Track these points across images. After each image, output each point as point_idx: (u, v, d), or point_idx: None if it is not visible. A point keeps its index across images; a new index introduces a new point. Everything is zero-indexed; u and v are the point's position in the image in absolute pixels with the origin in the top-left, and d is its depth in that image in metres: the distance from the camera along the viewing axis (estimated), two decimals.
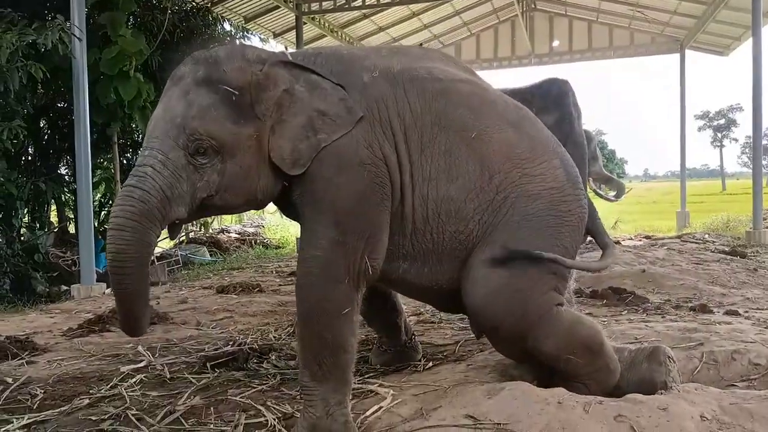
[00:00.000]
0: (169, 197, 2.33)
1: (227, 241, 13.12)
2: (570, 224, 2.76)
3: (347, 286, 2.48)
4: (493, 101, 2.88)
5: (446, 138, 2.67)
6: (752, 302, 5.13)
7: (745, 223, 13.25)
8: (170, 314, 5.21)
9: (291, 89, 2.54)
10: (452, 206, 2.65)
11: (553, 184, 2.75)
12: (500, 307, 2.63)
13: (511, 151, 2.74)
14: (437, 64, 2.89)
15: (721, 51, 16.62)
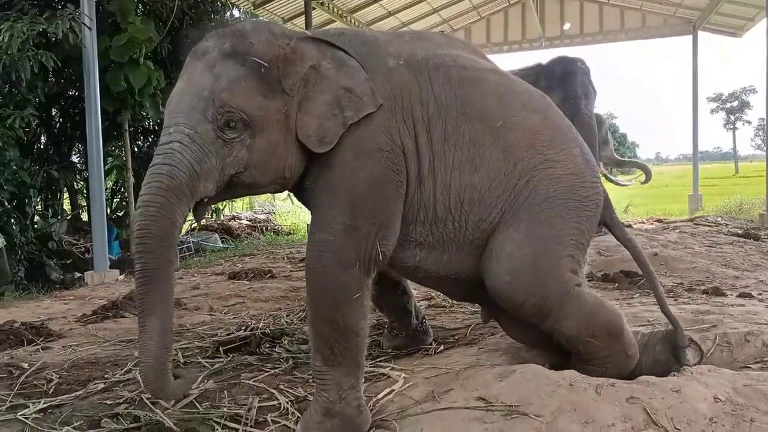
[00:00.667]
0: (198, 172, 2.26)
1: (238, 227, 13.14)
2: (588, 209, 2.76)
3: (358, 271, 2.47)
4: (519, 91, 2.90)
5: (471, 127, 2.67)
6: (766, 285, 5.09)
7: (758, 205, 13.14)
8: (183, 300, 5.25)
9: (318, 65, 2.51)
10: (476, 195, 2.66)
11: (574, 170, 2.76)
12: (525, 285, 2.63)
13: (534, 138, 2.75)
14: (460, 51, 2.89)
15: (735, 32, 16.39)
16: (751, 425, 2.05)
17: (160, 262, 2.20)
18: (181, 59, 2.63)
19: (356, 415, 2.45)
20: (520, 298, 2.65)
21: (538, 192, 2.69)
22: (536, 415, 2.24)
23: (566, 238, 2.70)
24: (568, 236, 2.71)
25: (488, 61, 3.08)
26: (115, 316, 4.72)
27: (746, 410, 2.13)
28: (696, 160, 18.01)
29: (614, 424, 2.14)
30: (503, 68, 3.17)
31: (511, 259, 2.63)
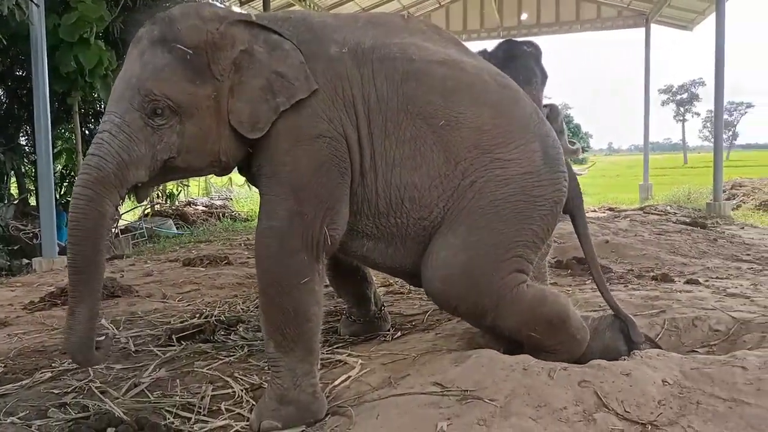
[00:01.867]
0: (126, 161, 2.31)
1: (194, 213, 12.93)
2: (542, 209, 2.68)
3: (305, 255, 2.45)
4: (470, 84, 2.72)
5: (413, 124, 2.59)
6: (712, 271, 5.26)
7: (705, 195, 13.54)
8: (135, 287, 5.13)
9: (250, 49, 2.48)
10: (416, 194, 2.62)
11: (528, 169, 2.66)
12: (457, 291, 2.63)
13: (480, 137, 2.64)
14: (415, 39, 2.77)
15: (686, 25, 16.79)
16: (697, 407, 2.10)
17: (90, 253, 2.31)
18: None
19: (311, 402, 2.44)
20: (453, 302, 2.70)
21: (483, 195, 2.62)
22: (490, 399, 2.26)
23: (511, 242, 2.64)
24: (515, 239, 2.64)
25: (455, 44, 2.95)
26: (64, 304, 4.56)
27: (693, 393, 2.19)
28: (647, 150, 18.46)
29: (566, 408, 2.17)
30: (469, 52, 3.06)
31: (445, 265, 2.61)
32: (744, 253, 6.39)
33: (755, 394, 2.12)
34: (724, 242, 7.19)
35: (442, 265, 2.62)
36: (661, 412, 2.10)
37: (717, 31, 11.13)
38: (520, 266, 2.68)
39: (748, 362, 2.33)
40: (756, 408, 2.06)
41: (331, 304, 4.27)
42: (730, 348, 2.87)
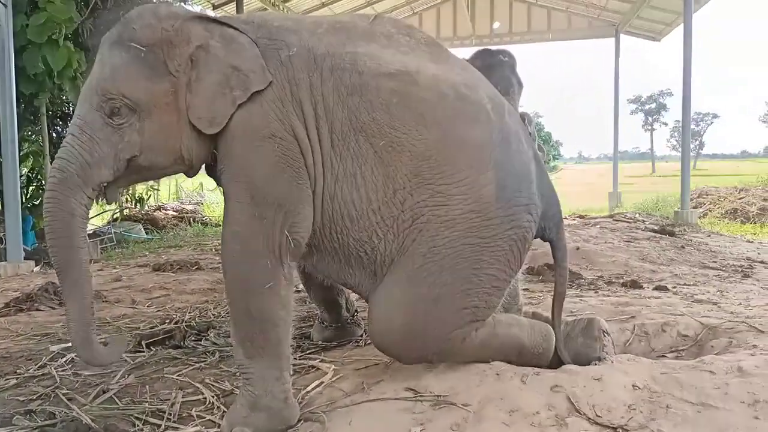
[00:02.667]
0: (88, 161, 2.34)
1: (164, 218, 12.74)
2: (497, 250, 2.48)
3: (268, 259, 2.40)
4: (419, 99, 2.50)
5: (356, 141, 2.47)
6: (680, 278, 5.35)
7: (673, 203, 13.79)
8: (103, 292, 5.04)
9: (206, 45, 2.46)
10: (354, 213, 2.50)
11: (474, 206, 2.44)
12: (398, 349, 2.56)
13: (421, 165, 2.45)
14: (373, 46, 2.60)
15: (654, 36, 17.15)
16: (667, 411, 2.13)
17: (66, 253, 2.32)
18: None
19: (283, 408, 2.41)
20: (395, 354, 2.63)
21: (424, 238, 2.45)
22: (464, 405, 2.27)
23: (459, 295, 2.46)
24: (465, 290, 2.46)
25: (427, 47, 2.73)
26: (30, 309, 4.49)
27: (663, 397, 2.22)
28: (616, 159, 18.78)
29: (539, 412, 2.19)
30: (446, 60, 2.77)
31: (386, 320, 2.51)
32: (711, 261, 6.51)
33: (723, 398, 2.16)
34: (691, 250, 7.32)
35: (384, 319, 2.51)
36: (631, 417, 2.12)
37: (685, 43, 11.35)
38: (474, 317, 2.53)
39: (715, 367, 2.38)
40: (724, 411, 2.10)
41: (303, 309, 4.24)
42: (699, 353, 2.92)
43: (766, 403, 2.09)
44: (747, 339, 2.91)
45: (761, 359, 2.43)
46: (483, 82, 2.75)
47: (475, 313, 2.51)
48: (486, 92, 2.67)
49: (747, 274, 5.55)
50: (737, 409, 2.09)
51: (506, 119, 2.63)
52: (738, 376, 2.28)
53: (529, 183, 2.57)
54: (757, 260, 6.61)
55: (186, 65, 2.44)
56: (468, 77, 2.70)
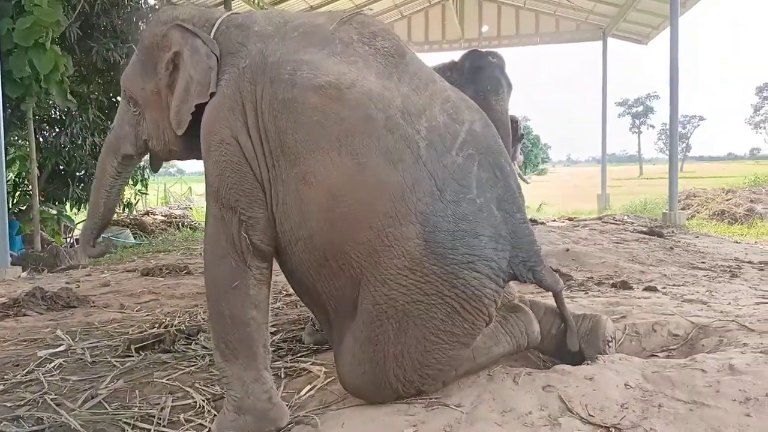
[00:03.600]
0: (118, 134, 2.99)
1: (152, 223, 12.69)
2: (447, 307, 2.20)
3: (232, 259, 2.41)
4: (341, 119, 2.25)
5: (284, 165, 2.33)
6: (669, 279, 5.36)
7: (661, 205, 13.88)
8: (91, 297, 5.01)
9: (181, 52, 2.63)
10: (287, 244, 2.40)
11: (405, 263, 2.16)
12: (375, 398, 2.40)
13: (334, 206, 2.21)
14: (320, 54, 2.42)
15: (641, 39, 17.24)
16: (659, 410, 2.13)
17: (95, 193, 3.13)
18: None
19: (269, 409, 2.38)
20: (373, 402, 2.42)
21: (364, 293, 2.26)
22: (456, 405, 2.26)
23: (417, 353, 2.25)
24: (421, 348, 2.25)
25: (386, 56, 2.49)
26: (17, 315, 4.45)
27: (655, 396, 2.22)
28: (604, 162, 18.83)
29: (531, 412, 2.18)
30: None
31: (351, 373, 2.39)
32: (699, 261, 6.54)
33: (714, 396, 2.16)
34: (680, 250, 7.35)
35: (348, 372, 2.40)
36: (624, 416, 2.12)
37: (671, 46, 11.42)
38: (441, 371, 2.35)
39: (706, 365, 2.38)
40: (715, 409, 2.10)
41: (294, 312, 4.22)
42: (690, 352, 2.93)
43: (757, 400, 2.09)
44: (737, 337, 2.92)
45: (752, 357, 2.43)
46: (435, 108, 2.35)
47: (441, 368, 2.33)
48: (431, 122, 2.30)
49: (735, 274, 5.57)
50: (729, 407, 2.09)
51: (448, 159, 2.24)
52: (729, 374, 2.28)
53: (472, 237, 2.19)
54: (744, 260, 6.64)
55: (169, 68, 2.68)
56: (414, 101, 2.34)
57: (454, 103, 2.43)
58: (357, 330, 2.33)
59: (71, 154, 9.37)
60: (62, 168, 9.64)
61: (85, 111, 9.11)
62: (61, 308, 4.66)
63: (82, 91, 9.15)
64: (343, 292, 2.34)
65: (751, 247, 8.13)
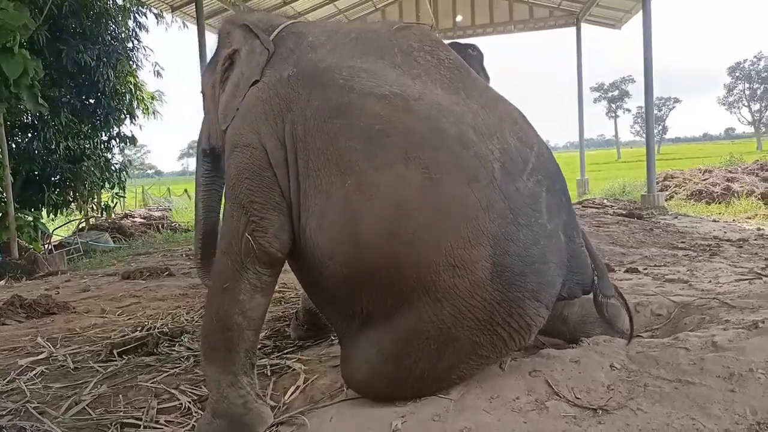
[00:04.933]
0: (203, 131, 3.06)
1: (132, 226, 12.56)
2: (494, 335, 2.14)
3: (229, 259, 2.36)
4: (408, 130, 2.14)
5: (328, 175, 2.21)
6: (650, 260, 5.41)
7: (639, 187, 14.02)
8: (72, 303, 4.93)
9: (239, 50, 2.71)
10: (319, 253, 2.27)
11: (466, 284, 2.05)
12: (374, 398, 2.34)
13: (398, 222, 2.07)
14: (378, 63, 2.37)
15: (614, 24, 17.32)
16: (645, 389, 2.14)
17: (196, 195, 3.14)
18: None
19: (243, 414, 2.30)
20: None
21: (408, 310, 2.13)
22: (444, 395, 2.26)
23: (444, 371, 2.21)
24: (450, 366, 2.20)
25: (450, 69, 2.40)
26: None
27: (640, 376, 2.23)
28: (582, 147, 18.97)
29: (519, 398, 2.18)
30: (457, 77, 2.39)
31: (367, 386, 2.32)
32: (679, 241, 6.61)
33: (699, 373, 2.18)
34: (659, 231, 7.43)
35: (363, 381, 2.32)
36: (610, 397, 2.13)
37: (644, 29, 11.51)
38: (452, 386, 2.28)
39: (690, 343, 2.40)
40: (700, 387, 2.11)
41: (279, 309, 4.20)
42: (673, 331, 2.95)
43: (741, 375, 2.11)
44: (719, 314, 2.94)
45: (734, 333, 2.46)
46: (505, 129, 2.26)
47: (457, 382, 2.27)
48: (503, 144, 2.19)
49: (715, 253, 5.64)
50: (713, 384, 2.11)
51: (521, 183, 2.15)
52: (713, 351, 2.30)
53: (542, 263, 2.12)
54: (723, 239, 6.73)
55: (226, 64, 2.73)
56: (485, 119, 2.24)
57: (522, 126, 2.35)
58: (386, 342, 2.21)
59: (45, 160, 9.24)
60: (36, 174, 9.50)
61: (57, 115, 8.97)
62: (41, 315, 4.59)
63: (54, 95, 9.01)
64: (382, 305, 2.20)
65: (729, 225, 8.24)
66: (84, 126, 9.73)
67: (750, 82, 61.08)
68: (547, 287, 2.16)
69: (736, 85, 62.41)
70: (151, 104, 11.28)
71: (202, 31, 12.03)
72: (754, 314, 2.81)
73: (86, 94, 9.84)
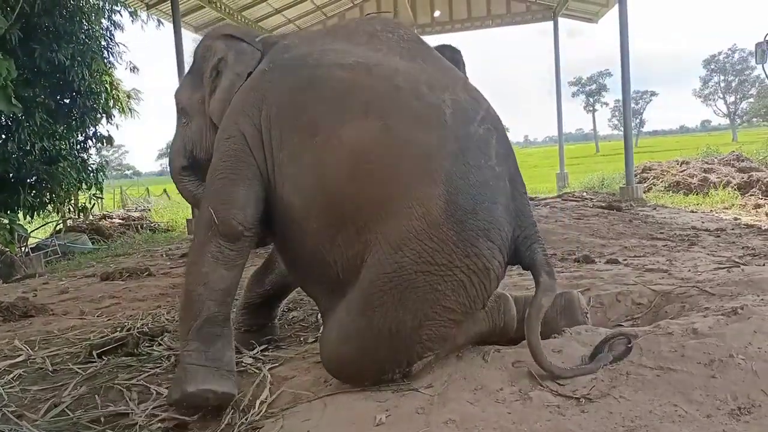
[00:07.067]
0: (172, 151, 3.27)
1: (110, 227, 12.40)
2: (453, 280, 2.15)
3: (196, 236, 2.62)
4: (368, 86, 2.32)
5: (299, 140, 2.38)
6: (630, 250, 5.46)
7: (618, 180, 14.13)
8: (49, 306, 4.85)
9: (225, 57, 2.91)
10: (296, 215, 2.42)
11: (423, 225, 2.11)
12: (352, 378, 2.40)
13: (359, 165, 2.21)
14: (345, 44, 2.59)
15: (591, 18, 17.44)
16: (627, 377, 2.16)
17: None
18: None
19: (183, 379, 2.40)
20: (348, 382, 2.43)
21: (372, 260, 2.19)
22: (427, 388, 2.25)
23: (411, 329, 2.21)
24: (416, 324, 2.20)
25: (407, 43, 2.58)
26: None
27: (622, 364, 2.24)
28: (561, 141, 19.07)
29: (503, 389, 2.18)
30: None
31: (337, 352, 2.37)
32: (658, 232, 6.67)
33: (680, 360, 2.20)
34: (639, 223, 7.50)
35: (334, 348, 2.37)
36: (593, 386, 2.14)
37: (621, 23, 11.58)
38: (428, 350, 2.31)
39: (671, 331, 2.42)
40: (681, 373, 2.13)
41: None
42: (654, 319, 2.98)
43: (721, 361, 2.13)
44: (699, 302, 2.97)
45: (714, 320, 2.48)
46: (458, 87, 2.42)
47: (429, 347, 2.29)
48: (454, 96, 2.34)
49: (693, 243, 5.70)
50: (695, 370, 2.13)
51: (471, 128, 2.27)
52: (693, 338, 2.32)
53: (491, 202, 2.18)
54: (701, 229, 6.81)
55: (213, 75, 2.93)
56: (438, 78, 2.41)
57: (473, 87, 2.53)
58: (353, 301, 2.27)
59: (20, 161, 9.07)
60: (12, 175, 9.33)
61: (31, 116, 8.81)
62: (18, 318, 4.51)
63: (28, 95, 8.84)
64: (354, 262, 2.28)
65: (706, 215, 8.34)
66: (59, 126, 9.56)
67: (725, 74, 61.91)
68: (498, 227, 2.20)
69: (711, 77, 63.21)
70: (128, 103, 11.12)
71: (178, 29, 11.91)
72: (733, 301, 2.84)
73: (61, 94, 9.68)
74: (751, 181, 11.14)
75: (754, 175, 11.40)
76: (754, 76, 57.54)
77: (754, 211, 8.61)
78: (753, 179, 11.18)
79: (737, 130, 57.75)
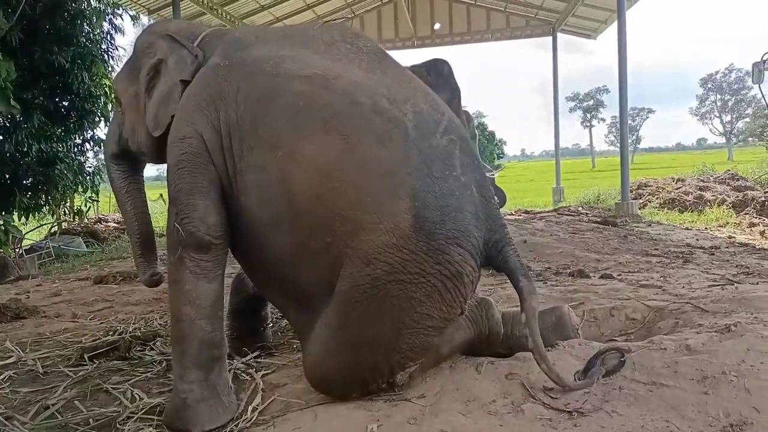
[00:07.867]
0: (107, 134, 3.28)
1: (105, 230, 12.36)
2: (428, 287, 2.16)
3: (170, 255, 2.49)
4: (327, 104, 2.29)
5: (260, 151, 2.35)
6: (624, 266, 5.46)
7: (614, 195, 14.17)
8: (42, 308, 4.83)
9: (166, 60, 2.83)
10: (263, 230, 2.40)
11: (392, 239, 2.12)
12: (337, 392, 2.40)
13: (322, 184, 2.20)
14: (303, 51, 2.51)
15: (590, 34, 17.56)
16: (620, 392, 2.16)
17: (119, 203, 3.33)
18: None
19: (182, 409, 2.36)
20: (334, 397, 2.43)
21: (344, 274, 2.19)
22: (419, 398, 2.25)
23: (390, 338, 2.22)
24: (395, 333, 2.21)
25: (367, 54, 2.53)
26: None
27: (615, 379, 2.24)
28: (558, 156, 19.15)
29: (495, 400, 2.18)
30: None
31: (320, 366, 2.37)
32: (652, 248, 6.68)
33: (673, 376, 2.20)
34: (633, 239, 7.50)
35: (317, 362, 2.38)
36: (586, 399, 2.14)
37: (619, 40, 11.65)
38: (410, 359, 2.31)
39: (664, 346, 2.42)
40: (674, 389, 2.13)
41: None
42: (647, 334, 2.98)
43: (714, 378, 2.14)
44: (692, 319, 2.98)
45: (707, 337, 2.48)
46: (419, 98, 2.41)
47: (411, 357, 2.28)
48: (416, 108, 2.34)
49: (687, 260, 5.71)
50: (687, 386, 2.13)
51: (434, 141, 2.28)
52: (686, 354, 2.32)
53: (458, 212, 2.20)
54: (696, 246, 6.82)
55: (151, 74, 2.85)
56: (398, 90, 2.39)
57: (434, 97, 2.50)
58: (331, 316, 2.27)
59: (17, 162, 9.05)
60: (8, 176, 9.31)
61: (29, 117, 8.80)
62: (10, 320, 4.49)
63: (27, 97, 8.84)
64: (322, 276, 2.28)
65: (701, 233, 8.36)
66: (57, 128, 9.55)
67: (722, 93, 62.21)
68: (467, 234, 2.22)
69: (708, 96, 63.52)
70: None
71: None
72: (726, 318, 2.85)
73: (60, 97, 9.69)
74: (746, 199, 11.17)
75: (749, 194, 11.43)
76: (751, 96, 57.78)
77: (749, 230, 8.63)
78: (748, 198, 11.21)
79: (733, 149, 57.98)
